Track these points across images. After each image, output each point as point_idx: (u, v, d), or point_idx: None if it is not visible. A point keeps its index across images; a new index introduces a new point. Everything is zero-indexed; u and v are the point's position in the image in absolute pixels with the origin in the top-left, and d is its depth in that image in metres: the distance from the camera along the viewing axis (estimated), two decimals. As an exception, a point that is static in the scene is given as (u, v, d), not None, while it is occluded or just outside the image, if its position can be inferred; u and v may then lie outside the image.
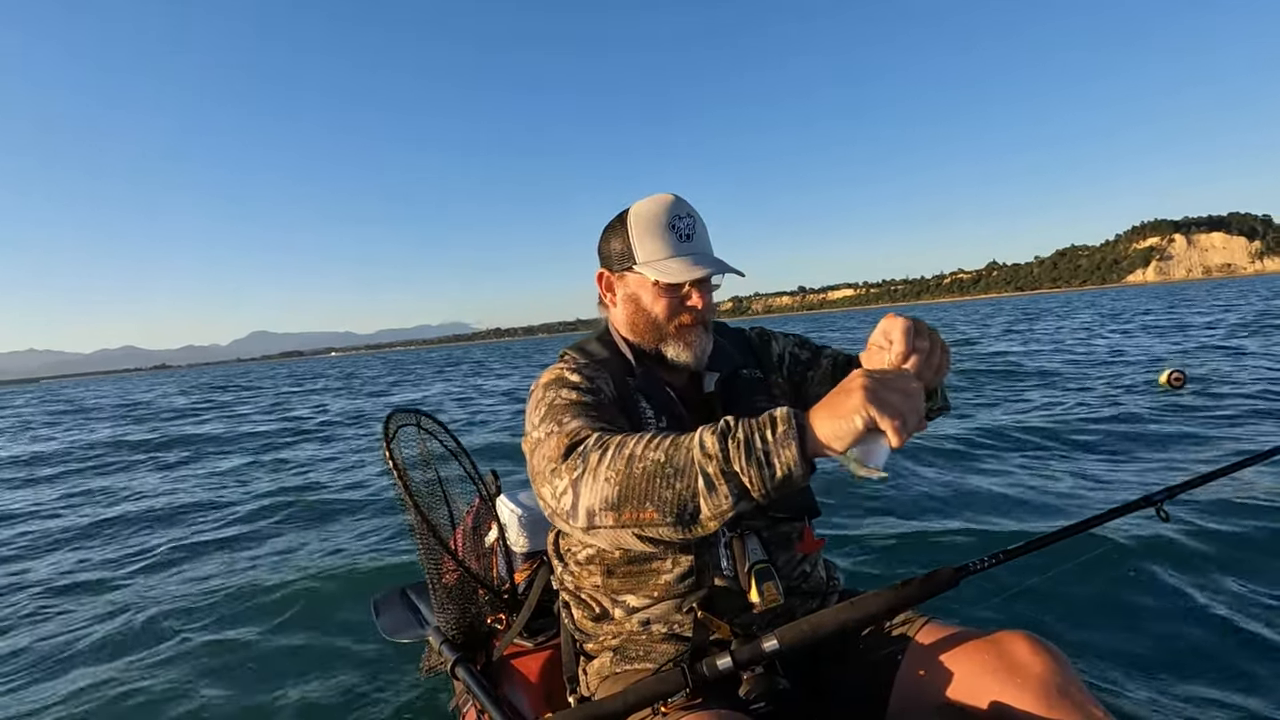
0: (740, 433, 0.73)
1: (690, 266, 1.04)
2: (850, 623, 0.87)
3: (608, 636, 1.06)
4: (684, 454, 0.75)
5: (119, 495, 6.04)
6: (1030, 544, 0.96)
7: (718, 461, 0.73)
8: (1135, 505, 1.02)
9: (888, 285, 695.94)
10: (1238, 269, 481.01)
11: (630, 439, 0.81)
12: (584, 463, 0.82)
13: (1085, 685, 0.86)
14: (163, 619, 2.88)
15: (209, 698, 2.22)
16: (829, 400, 0.72)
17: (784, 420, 0.72)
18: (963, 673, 0.90)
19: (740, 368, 1.19)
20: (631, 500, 0.78)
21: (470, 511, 1.56)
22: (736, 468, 0.72)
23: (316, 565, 3.41)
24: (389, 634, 1.54)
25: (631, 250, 1.07)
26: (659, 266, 1.05)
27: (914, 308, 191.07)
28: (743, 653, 0.88)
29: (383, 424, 1.37)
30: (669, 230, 1.06)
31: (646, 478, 0.77)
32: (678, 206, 1.08)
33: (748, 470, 0.72)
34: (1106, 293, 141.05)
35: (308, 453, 7.75)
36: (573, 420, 0.91)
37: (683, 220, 1.07)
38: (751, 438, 0.72)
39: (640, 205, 1.10)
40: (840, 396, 0.71)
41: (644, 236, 1.07)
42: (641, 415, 1.05)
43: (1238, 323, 15.45)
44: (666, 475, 0.76)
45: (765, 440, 0.72)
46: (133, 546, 4.19)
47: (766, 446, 0.71)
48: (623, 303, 1.13)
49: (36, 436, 12.75)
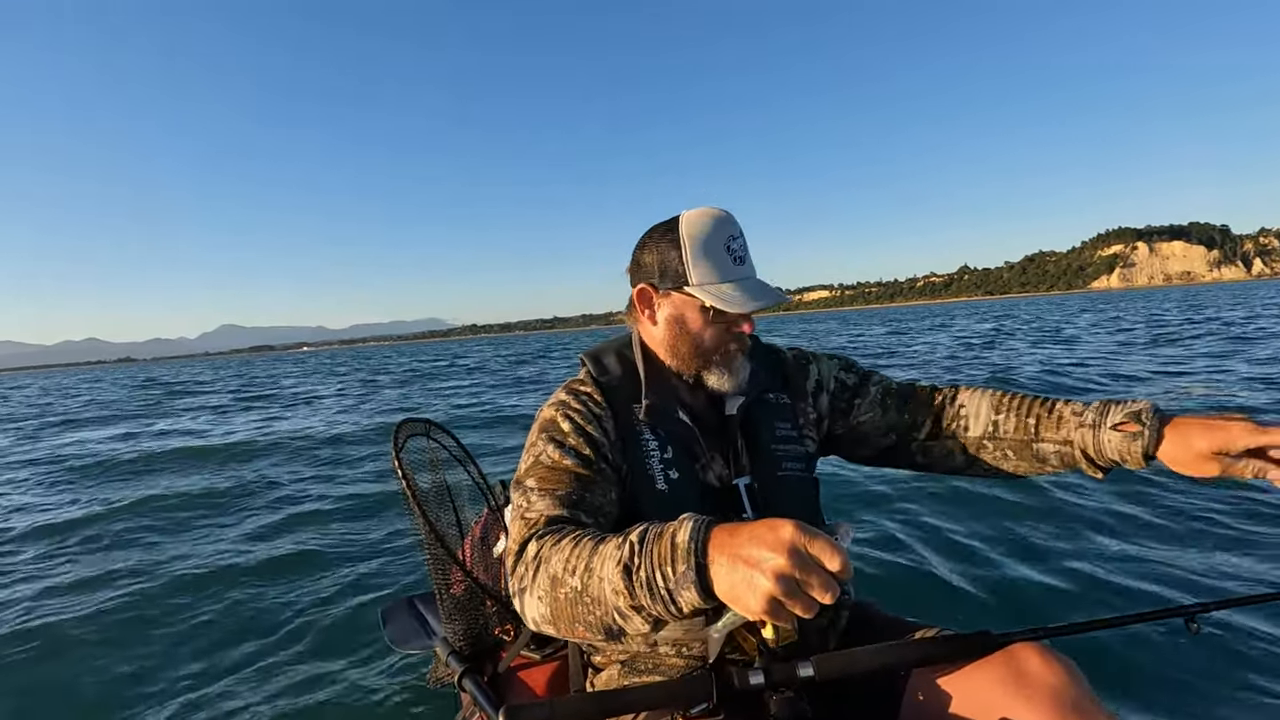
0: (643, 570, 0.71)
1: (749, 296, 1.00)
2: (886, 667, 0.88)
3: (615, 651, 1.05)
4: (596, 583, 0.75)
5: (101, 497, 5.86)
6: (1078, 625, 0.96)
7: (625, 597, 0.72)
8: (1168, 613, 0.99)
9: (862, 287, 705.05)
10: (1197, 277, 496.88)
11: (555, 556, 0.81)
12: (525, 576, 0.84)
13: (1098, 698, 0.85)
14: (162, 627, 2.82)
15: (213, 707, 2.18)
16: (741, 549, 0.64)
17: (683, 558, 0.68)
18: (973, 684, 0.90)
19: (766, 390, 1.15)
20: (562, 620, 0.80)
21: (479, 522, 1.56)
22: (644, 603, 0.71)
23: (323, 574, 3.36)
24: (396, 644, 1.53)
25: (685, 269, 1.02)
26: (715, 292, 1.00)
27: (887, 310, 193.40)
28: (777, 673, 0.88)
29: (392, 434, 1.36)
30: (725, 252, 1.01)
31: (569, 603, 0.78)
32: (732, 225, 1.04)
33: (653, 606, 0.71)
34: (1071, 297, 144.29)
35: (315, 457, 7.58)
36: (540, 499, 0.92)
37: (736, 241, 1.03)
38: (653, 576, 0.70)
39: (693, 218, 1.05)
40: (746, 565, 0.63)
41: (699, 256, 1.02)
42: (643, 449, 1.03)
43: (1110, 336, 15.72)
44: (586, 604, 0.77)
45: (666, 578, 0.69)
46: (121, 552, 4.07)
47: (668, 585, 0.69)
48: (665, 323, 1.08)
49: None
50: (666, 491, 1.01)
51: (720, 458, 1.08)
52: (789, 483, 1.08)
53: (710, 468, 1.07)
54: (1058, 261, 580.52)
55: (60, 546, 4.24)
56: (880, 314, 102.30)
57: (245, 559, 3.74)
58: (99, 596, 3.23)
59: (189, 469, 6.88)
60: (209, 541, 4.17)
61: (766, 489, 1.06)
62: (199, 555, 3.87)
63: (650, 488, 1.01)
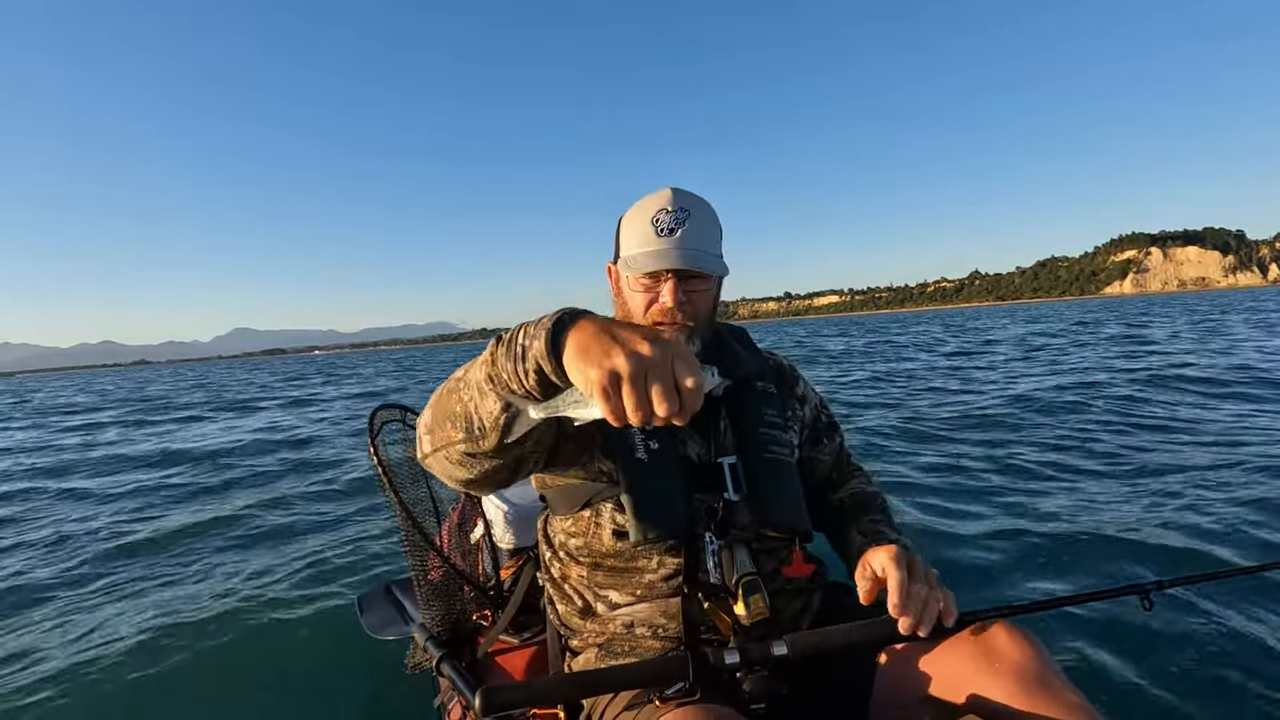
0: (512, 335, 0.71)
1: (650, 260, 1.00)
2: (860, 644, 0.90)
3: (592, 635, 1.06)
4: (471, 372, 0.76)
5: (93, 496, 5.92)
6: (1039, 604, 0.99)
7: (488, 365, 0.72)
8: (1124, 590, 1.03)
9: (872, 293, 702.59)
10: (1211, 282, 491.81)
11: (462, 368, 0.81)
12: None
13: (1062, 671, 0.87)
14: (139, 619, 2.83)
15: (189, 697, 2.19)
16: (617, 328, 0.63)
17: (551, 317, 0.67)
18: (943, 661, 0.91)
19: (753, 377, 1.16)
20: (435, 417, 0.81)
21: (456, 508, 1.56)
22: (499, 366, 0.70)
23: (299, 562, 3.37)
24: (374, 631, 1.53)
25: (618, 243, 1.08)
26: (626, 258, 1.04)
27: (897, 315, 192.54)
28: (752, 652, 0.89)
29: (368, 420, 1.36)
30: (650, 224, 1.03)
31: (446, 395, 0.79)
32: (668, 200, 1.04)
33: (506, 365, 0.69)
34: (1085, 303, 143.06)
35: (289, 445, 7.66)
36: None
37: (669, 214, 1.02)
38: (517, 335, 0.70)
39: (642, 198, 1.09)
40: (611, 339, 0.61)
41: (628, 229, 1.06)
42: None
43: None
44: (458, 390, 0.77)
45: (527, 334, 0.68)
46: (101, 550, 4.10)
47: (525, 340, 0.68)
48: (616, 296, 1.11)
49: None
50: (646, 461, 1.02)
51: (699, 435, 1.09)
52: (775, 464, 1.09)
53: (688, 444, 1.07)
54: (1070, 267, 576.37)
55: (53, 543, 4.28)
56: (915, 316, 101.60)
57: (215, 547, 3.78)
58: (82, 588, 3.27)
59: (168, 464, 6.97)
60: (185, 532, 4.19)
61: (752, 469, 1.07)
62: (168, 547, 3.89)
63: (631, 456, 1.02)
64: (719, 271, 1.04)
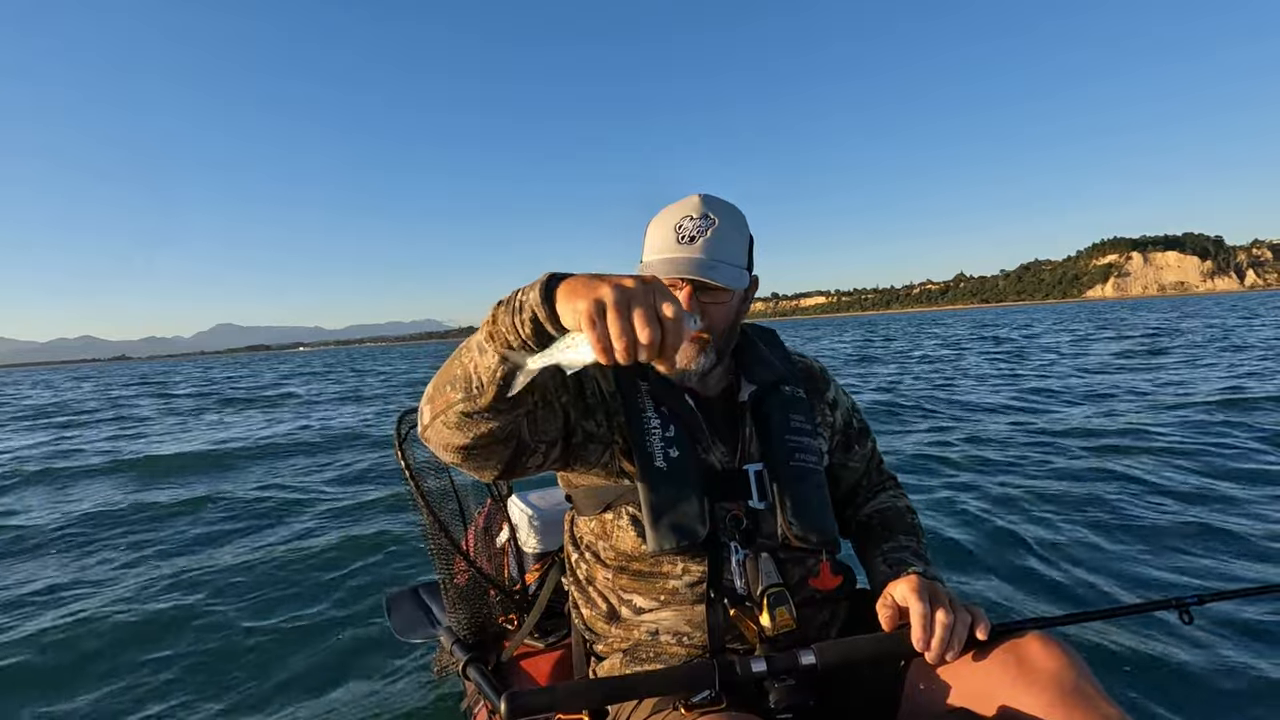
0: (512, 295, 0.73)
1: (665, 267, 0.99)
2: (887, 654, 0.90)
3: (617, 640, 1.05)
4: (477, 333, 0.78)
5: (105, 491, 5.83)
6: (1075, 616, 0.99)
7: (489, 324, 0.74)
8: (1163, 605, 1.02)
9: (859, 294, 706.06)
10: (1190, 287, 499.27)
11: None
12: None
13: (1099, 684, 0.83)
14: (170, 616, 2.83)
15: (218, 694, 2.19)
16: (607, 274, 0.67)
17: (545, 275, 0.71)
18: (974, 672, 0.89)
19: (781, 381, 1.14)
20: (440, 388, 0.82)
21: (482, 512, 1.56)
22: (500, 323, 0.73)
23: (329, 564, 3.38)
24: (401, 634, 1.53)
25: (642, 248, 1.09)
26: (648, 264, 1.04)
27: (883, 316, 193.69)
28: (779, 661, 0.88)
29: (395, 424, 1.37)
30: (674, 229, 1.03)
31: (447, 366, 0.81)
32: (695, 206, 1.04)
33: (505, 320, 0.72)
34: (1067, 306, 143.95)
35: (317, 448, 7.56)
36: None
37: (694, 221, 1.02)
38: (516, 293, 0.72)
39: (672, 204, 1.09)
40: (600, 280, 0.65)
41: (653, 232, 1.07)
42: (645, 425, 1.03)
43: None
44: (459, 356, 0.79)
45: (524, 291, 0.71)
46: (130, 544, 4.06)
47: (523, 296, 0.71)
48: None
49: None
50: (665, 469, 1.01)
51: (722, 443, 1.08)
52: (802, 472, 1.07)
53: (712, 451, 1.06)
54: (1053, 270, 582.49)
55: (63, 543, 4.22)
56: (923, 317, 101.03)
57: (247, 551, 3.74)
58: (105, 591, 3.23)
59: (187, 469, 6.86)
60: (209, 537, 4.16)
61: (779, 476, 1.05)
62: (199, 550, 3.86)
63: (650, 464, 1.01)
64: (736, 285, 1.01)
